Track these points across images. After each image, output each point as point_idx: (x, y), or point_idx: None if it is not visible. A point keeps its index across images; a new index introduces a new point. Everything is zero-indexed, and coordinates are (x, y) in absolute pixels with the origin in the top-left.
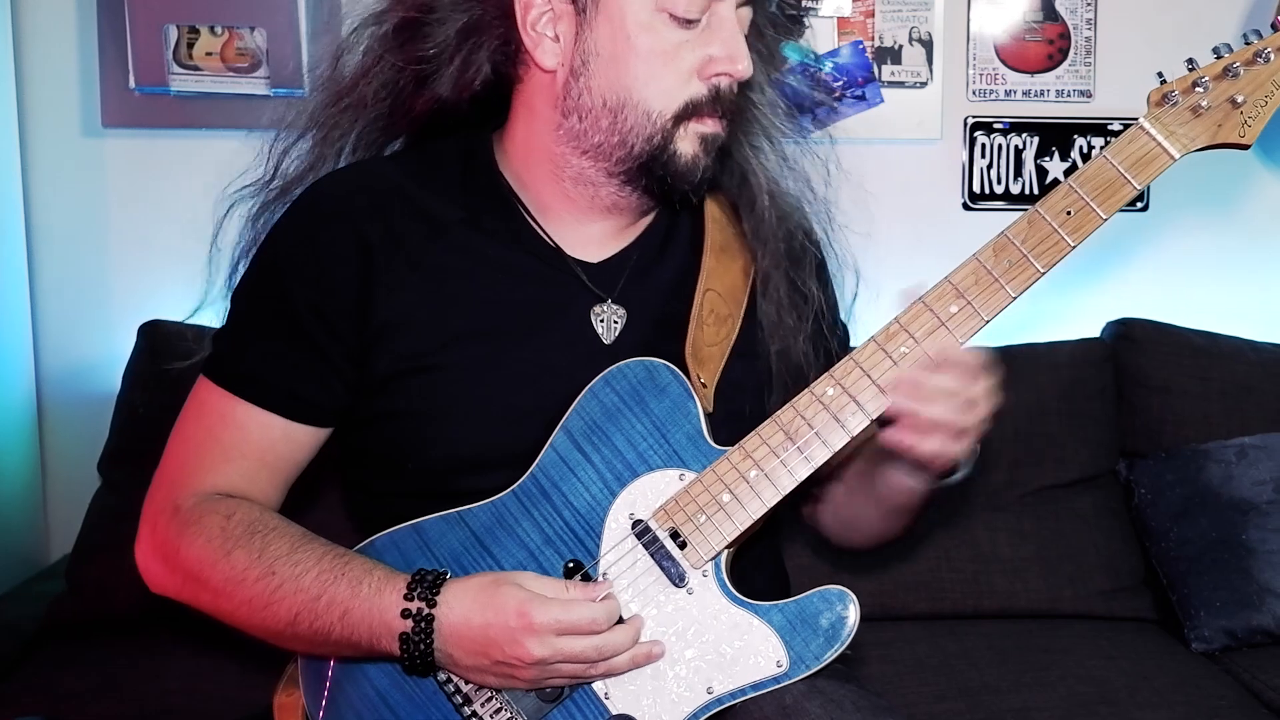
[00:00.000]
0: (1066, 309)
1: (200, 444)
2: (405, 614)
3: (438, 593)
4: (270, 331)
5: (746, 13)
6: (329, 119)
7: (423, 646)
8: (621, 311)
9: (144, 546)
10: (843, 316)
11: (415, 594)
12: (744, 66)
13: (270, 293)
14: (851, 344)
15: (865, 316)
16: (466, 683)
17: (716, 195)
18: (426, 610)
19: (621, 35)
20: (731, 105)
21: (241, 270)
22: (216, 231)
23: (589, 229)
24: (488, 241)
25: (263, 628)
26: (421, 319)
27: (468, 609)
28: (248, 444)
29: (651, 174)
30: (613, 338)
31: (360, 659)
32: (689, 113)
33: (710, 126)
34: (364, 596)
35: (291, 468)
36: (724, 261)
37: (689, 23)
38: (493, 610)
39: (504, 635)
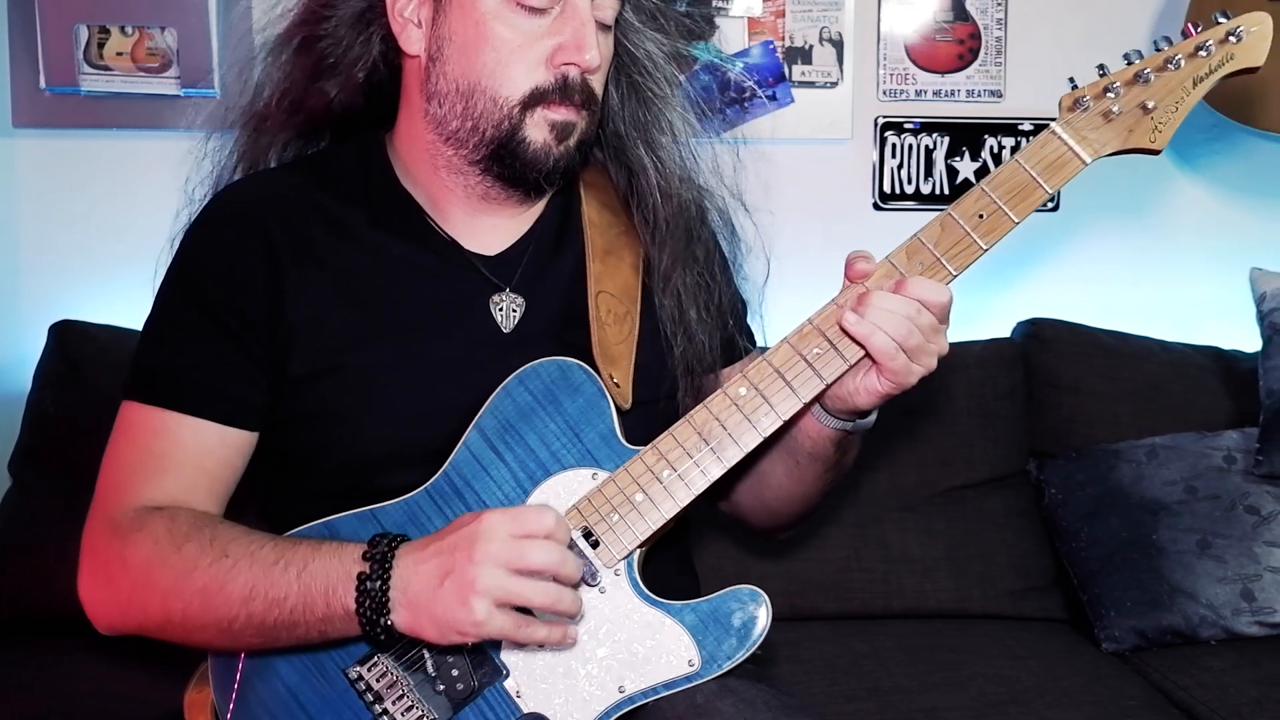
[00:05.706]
0: (976, 309)
1: (133, 461)
2: (365, 556)
3: (399, 544)
4: (194, 338)
5: (606, 3)
6: (250, 140)
7: (380, 583)
8: (520, 300)
9: (87, 578)
10: (754, 298)
11: (378, 544)
12: (590, 57)
13: (188, 300)
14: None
15: (776, 316)
16: (378, 680)
17: (592, 196)
18: (387, 550)
19: (472, 22)
20: (584, 94)
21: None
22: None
23: (480, 221)
24: (391, 240)
25: (214, 617)
26: (329, 319)
27: (425, 540)
28: (183, 452)
29: (503, 161)
30: (511, 326)
31: (310, 629)
32: (536, 99)
33: (561, 114)
34: (325, 551)
35: (229, 473)
36: (610, 264)
37: (539, 11)
38: (449, 529)
39: (458, 541)
